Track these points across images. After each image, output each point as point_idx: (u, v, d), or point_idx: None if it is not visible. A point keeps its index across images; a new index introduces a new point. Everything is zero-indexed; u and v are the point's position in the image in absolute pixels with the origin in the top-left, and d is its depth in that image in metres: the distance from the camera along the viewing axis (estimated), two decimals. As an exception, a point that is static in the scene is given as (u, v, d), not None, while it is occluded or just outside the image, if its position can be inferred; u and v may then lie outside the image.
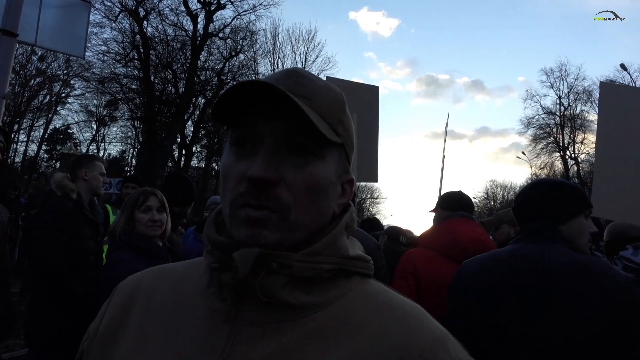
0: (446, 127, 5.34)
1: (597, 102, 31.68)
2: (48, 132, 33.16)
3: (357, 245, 0.80)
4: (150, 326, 0.73)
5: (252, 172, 0.66)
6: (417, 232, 7.50)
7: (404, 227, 5.58)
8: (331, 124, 0.71)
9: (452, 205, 3.07)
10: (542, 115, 34.94)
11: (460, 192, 3.20)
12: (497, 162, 60.86)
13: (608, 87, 3.87)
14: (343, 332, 0.67)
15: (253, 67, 25.29)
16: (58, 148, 33.81)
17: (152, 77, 23.41)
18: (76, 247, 3.19)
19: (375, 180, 4.41)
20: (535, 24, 57.69)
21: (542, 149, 35.03)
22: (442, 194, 3.31)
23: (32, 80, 28.89)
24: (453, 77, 62.76)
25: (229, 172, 0.70)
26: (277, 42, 26.63)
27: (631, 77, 28.48)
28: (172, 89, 24.60)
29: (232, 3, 23.79)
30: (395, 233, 5.04)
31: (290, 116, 0.67)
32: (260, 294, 0.66)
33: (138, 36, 22.28)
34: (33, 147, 32.54)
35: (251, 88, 0.67)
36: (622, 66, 27.81)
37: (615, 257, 3.13)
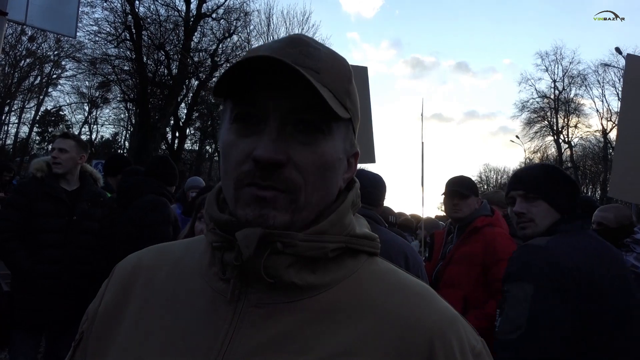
0: (422, 114, 5.25)
1: (590, 86, 31.68)
2: (39, 113, 32.81)
3: (363, 222, 0.77)
4: (151, 307, 0.72)
5: (259, 152, 0.62)
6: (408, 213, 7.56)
7: (395, 210, 5.60)
8: (339, 98, 0.68)
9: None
10: (537, 99, 34.97)
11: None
12: (486, 146, 60.92)
13: (636, 60, 3.61)
14: (350, 312, 0.66)
15: (247, 49, 24.98)
16: (50, 130, 33.46)
17: (145, 59, 23.09)
18: (32, 224, 3.24)
19: (373, 161, 4.39)
20: (522, 6, 57.21)
21: (536, 132, 35.13)
22: (463, 179, 3.34)
23: (23, 61, 28.45)
24: (438, 59, 62.34)
25: (231, 150, 0.66)
26: (272, 23, 26.26)
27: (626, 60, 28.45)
28: (165, 71, 24.31)
29: (225, -17, 23.43)
30: (385, 213, 5.06)
31: (297, 91, 0.63)
32: (265, 275, 0.64)
33: (130, 16, 21.91)
34: (25, 129, 32.26)
35: (257, 64, 0.63)
36: (617, 50, 27.75)
37: (629, 241, 3.16)
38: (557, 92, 34.16)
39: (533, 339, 1.59)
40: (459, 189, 3.20)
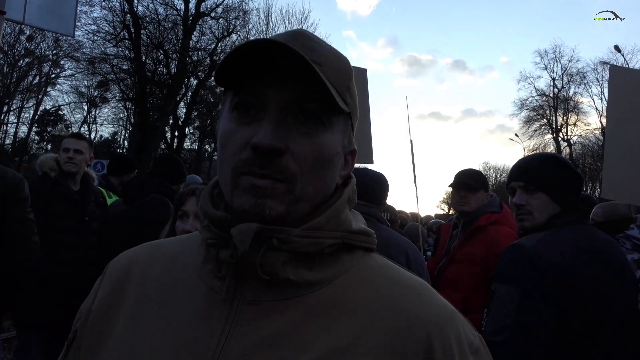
0: (407, 114, 5.29)
1: (590, 84, 31.76)
2: (38, 113, 32.74)
3: (360, 218, 0.77)
4: (145, 305, 0.71)
5: (258, 139, 0.62)
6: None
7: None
8: (340, 92, 0.67)
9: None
10: (536, 97, 34.99)
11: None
12: (484, 144, 61.15)
13: (618, 71, 3.76)
14: (347, 309, 0.65)
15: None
16: (49, 130, 33.40)
17: (144, 58, 23.07)
18: (47, 225, 3.19)
19: (371, 162, 4.41)
20: (519, 3, 57.21)
21: (535, 130, 35.13)
22: (473, 172, 3.21)
23: (21, 61, 28.38)
24: (435, 57, 62.42)
25: (230, 138, 0.66)
26: (270, 22, 26.18)
27: (625, 58, 28.48)
28: (164, 70, 24.28)
29: (223, -19, 23.40)
30: (387, 212, 5.04)
31: (299, 81, 0.63)
32: (261, 272, 0.63)
33: (128, 15, 21.88)
34: (24, 128, 32.21)
35: (261, 48, 0.62)
36: (616, 48, 27.75)
37: (621, 236, 3.15)
38: (556, 90, 34.20)
39: (518, 344, 1.56)
40: (467, 181, 3.06)
